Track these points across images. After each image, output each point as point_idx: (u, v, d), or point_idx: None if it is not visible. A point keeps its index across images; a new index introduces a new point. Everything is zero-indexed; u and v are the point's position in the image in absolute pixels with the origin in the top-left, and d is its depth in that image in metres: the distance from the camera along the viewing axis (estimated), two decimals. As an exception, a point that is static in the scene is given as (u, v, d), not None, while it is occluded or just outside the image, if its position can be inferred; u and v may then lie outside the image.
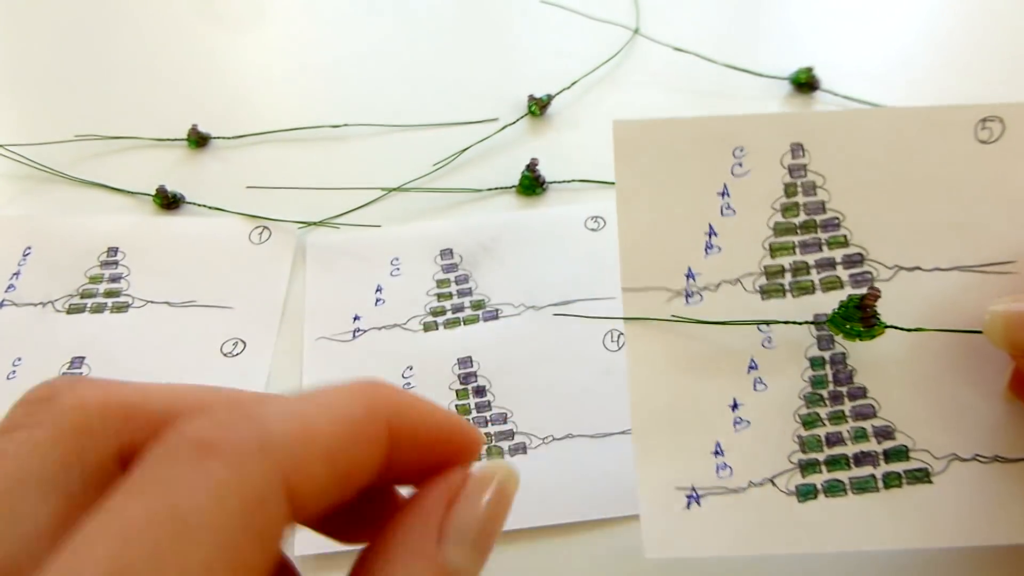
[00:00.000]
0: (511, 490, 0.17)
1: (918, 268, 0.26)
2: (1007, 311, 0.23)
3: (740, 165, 0.27)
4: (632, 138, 0.27)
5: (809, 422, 0.25)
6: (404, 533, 0.16)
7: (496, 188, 0.38)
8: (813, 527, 0.24)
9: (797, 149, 0.27)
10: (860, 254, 0.26)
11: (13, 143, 0.41)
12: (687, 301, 0.26)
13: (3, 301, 0.35)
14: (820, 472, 0.25)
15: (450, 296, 0.34)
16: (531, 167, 0.37)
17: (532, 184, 0.37)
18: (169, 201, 0.38)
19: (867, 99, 0.39)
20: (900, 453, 0.24)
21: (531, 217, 0.36)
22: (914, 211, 0.26)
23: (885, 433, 0.25)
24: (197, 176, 0.39)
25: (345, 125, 0.41)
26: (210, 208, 0.37)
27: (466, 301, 0.33)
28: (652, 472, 0.25)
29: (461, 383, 0.31)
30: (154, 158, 0.41)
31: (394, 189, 0.38)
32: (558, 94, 0.41)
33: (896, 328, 0.24)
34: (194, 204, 0.38)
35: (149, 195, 0.38)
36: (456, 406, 0.31)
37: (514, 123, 0.40)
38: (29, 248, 0.36)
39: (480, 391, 0.31)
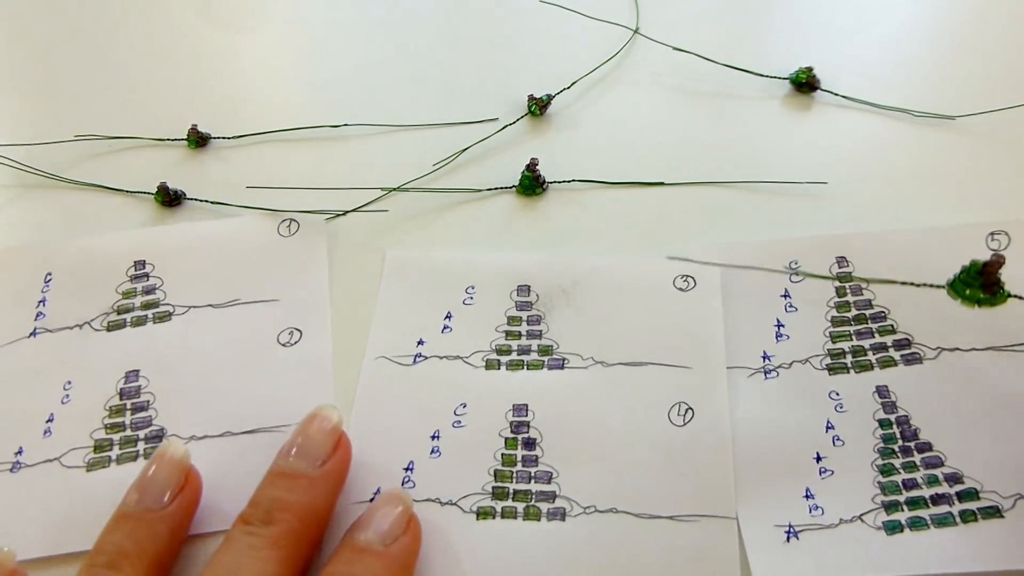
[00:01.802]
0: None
1: (957, 348, 0.31)
2: None
3: (797, 274, 0.33)
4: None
5: (886, 471, 0.28)
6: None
7: (496, 188, 0.38)
8: (902, 554, 0.26)
9: (842, 260, 0.33)
10: (907, 339, 0.31)
11: (12, 143, 0.41)
12: (766, 376, 0.31)
13: (36, 330, 0.34)
14: (902, 511, 0.27)
15: (519, 336, 0.32)
16: (531, 167, 0.37)
17: (532, 184, 0.37)
18: (171, 198, 0.38)
19: (867, 99, 0.39)
20: (971, 494, 0.27)
21: (619, 266, 0.34)
22: (946, 305, 0.29)
23: (955, 478, 0.28)
24: (197, 176, 0.39)
25: (345, 125, 0.41)
26: (212, 203, 0.37)
27: (534, 344, 0.32)
28: (753, 514, 0.28)
29: (512, 431, 0.30)
30: (154, 158, 0.41)
31: (394, 189, 0.38)
32: (558, 94, 0.41)
33: (1018, 297, 0.27)
34: (196, 200, 0.38)
35: (150, 194, 0.38)
36: (502, 455, 0.30)
37: (514, 123, 0.40)
38: (49, 274, 0.36)
39: (530, 443, 0.30)
